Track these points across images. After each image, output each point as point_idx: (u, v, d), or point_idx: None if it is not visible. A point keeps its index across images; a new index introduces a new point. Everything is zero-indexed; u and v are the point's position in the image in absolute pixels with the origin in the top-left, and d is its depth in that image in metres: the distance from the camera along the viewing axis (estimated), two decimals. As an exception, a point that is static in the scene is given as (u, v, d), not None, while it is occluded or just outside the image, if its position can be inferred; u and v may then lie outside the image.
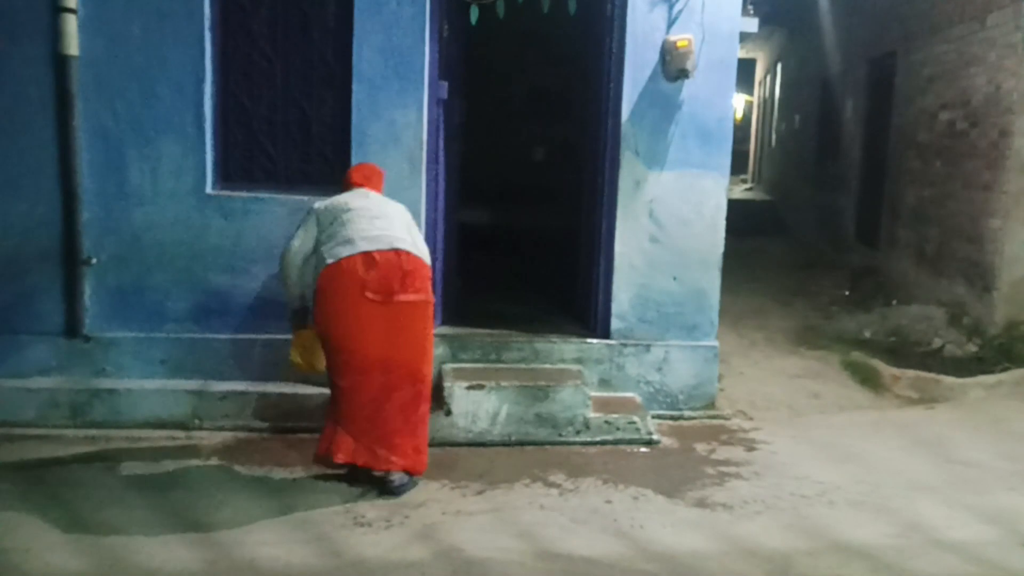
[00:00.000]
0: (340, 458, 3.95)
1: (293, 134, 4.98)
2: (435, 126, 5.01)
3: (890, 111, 9.03)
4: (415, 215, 4.95)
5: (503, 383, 4.73)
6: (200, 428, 4.73)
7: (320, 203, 4.13)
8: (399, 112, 4.87)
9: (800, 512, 3.95)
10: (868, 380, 6.11)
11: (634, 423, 4.78)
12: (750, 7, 5.41)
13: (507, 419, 4.68)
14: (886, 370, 6.13)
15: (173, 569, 3.27)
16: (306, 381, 4.88)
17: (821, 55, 12.16)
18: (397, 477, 3.97)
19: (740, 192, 18.58)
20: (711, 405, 5.29)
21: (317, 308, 3.98)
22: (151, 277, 4.86)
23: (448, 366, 4.96)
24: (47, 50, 4.63)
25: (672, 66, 4.89)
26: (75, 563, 3.29)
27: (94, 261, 4.80)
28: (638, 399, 5.09)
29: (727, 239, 5.22)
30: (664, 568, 3.40)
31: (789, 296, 8.89)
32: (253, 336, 4.93)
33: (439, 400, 4.76)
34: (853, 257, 9.90)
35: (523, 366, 5.05)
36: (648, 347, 5.19)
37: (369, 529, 3.65)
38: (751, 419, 5.28)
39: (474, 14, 4.80)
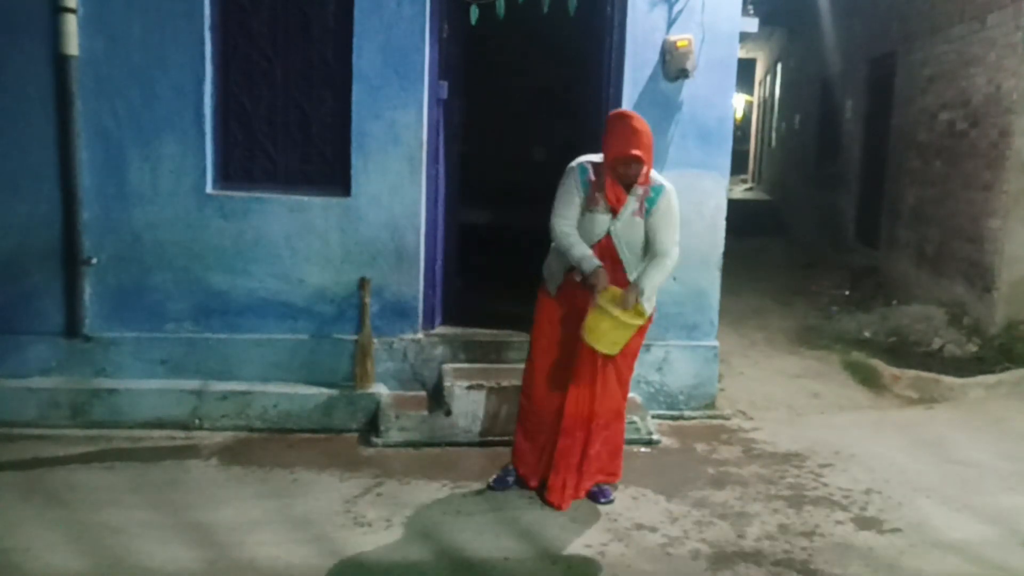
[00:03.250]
0: None
1: (293, 134, 4.98)
2: (435, 126, 5.01)
3: (890, 111, 9.03)
4: (415, 215, 4.97)
5: (503, 383, 4.72)
6: (200, 428, 4.73)
7: None
8: (399, 112, 4.86)
9: (800, 512, 3.96)
10: (868, 380, 6.11)
11: (634, 423, 4.77)
12: (750, 7, 5.41)
13: (507, 419, 4.66)
14: (886, 370, 6.14)
15: (173, 569, 3.27)
16: (314, 381, 4.90)
17: (821, 55, 12.16)
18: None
19: (740, 192, 18.59)
20: (711, 405, 5.29)
21: None
22: (151, 277, 4.86)
23: (448, 366, 4.96)
24: (47, 50, 4.62)
25: (672, 66, 4.89)
26: (75, 563, 3.29)
27: (94, 261, 4.80)
28: (638, 399, 5.08)
29: (727, 239, 5.22)
30: (664, 568, 3.40)
31: (789, 296, 8.90)
32: (253, 336, 4.93)
33: (439, 400, 4.77)
34: (853, 257, 9.90)
35: (523, 366, 5.03)
36: (648, 347, 5.17)
37: (369, 529, 3.65)
38: (751, 419, 5.28)
39: (474, 14, 4.80)
